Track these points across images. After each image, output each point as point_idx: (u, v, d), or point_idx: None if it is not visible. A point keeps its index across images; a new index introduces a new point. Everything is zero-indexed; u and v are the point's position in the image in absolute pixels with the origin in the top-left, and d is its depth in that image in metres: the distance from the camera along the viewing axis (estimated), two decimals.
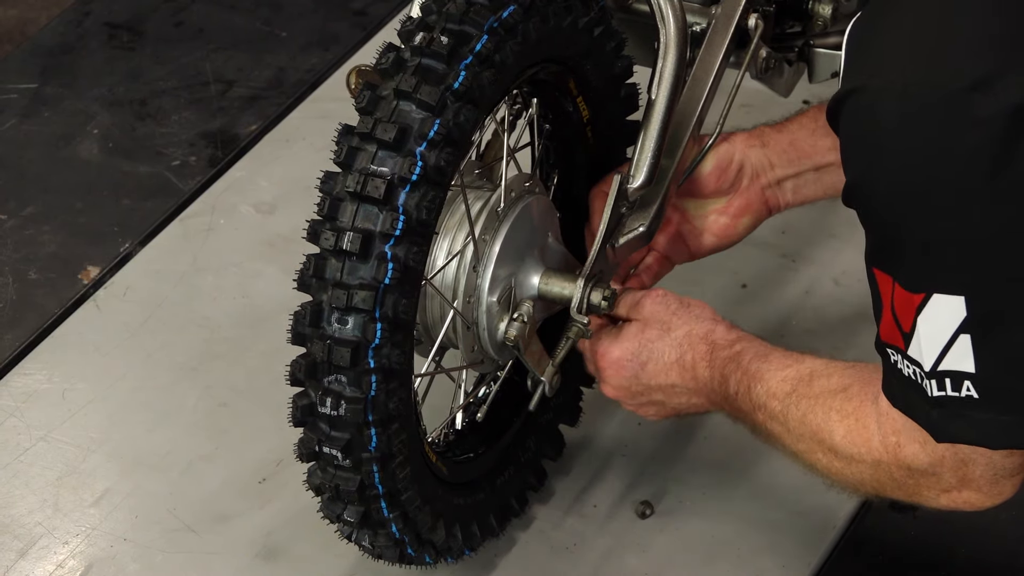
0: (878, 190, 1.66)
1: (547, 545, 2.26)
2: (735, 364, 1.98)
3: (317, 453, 1.92)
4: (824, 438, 1.87)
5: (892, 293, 1.68)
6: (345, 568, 2.22)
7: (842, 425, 1.85)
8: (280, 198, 2.79)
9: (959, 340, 1.64)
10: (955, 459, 1.75)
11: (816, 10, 2.30)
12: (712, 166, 2.17)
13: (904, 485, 1.82)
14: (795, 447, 1.92)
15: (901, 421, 1.76)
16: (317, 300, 1.86)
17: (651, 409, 2.10)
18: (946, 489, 1.79)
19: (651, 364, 2.04)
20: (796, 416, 1.90)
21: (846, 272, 2.62)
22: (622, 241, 2.07)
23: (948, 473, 1.77)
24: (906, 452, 1.78)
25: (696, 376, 2.02)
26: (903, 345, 1.69)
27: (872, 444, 1.81)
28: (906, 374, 1.71)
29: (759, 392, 1.94)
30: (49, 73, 3.07)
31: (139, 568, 2.25)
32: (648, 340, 2.04)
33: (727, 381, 1.99)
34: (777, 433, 1.94)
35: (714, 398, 2.02)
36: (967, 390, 1.65)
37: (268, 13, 3.19)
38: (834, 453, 1.86)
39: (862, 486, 1.88)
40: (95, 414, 2.45)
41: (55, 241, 2.74)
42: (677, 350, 2.03)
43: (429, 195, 1.84)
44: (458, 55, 1.86)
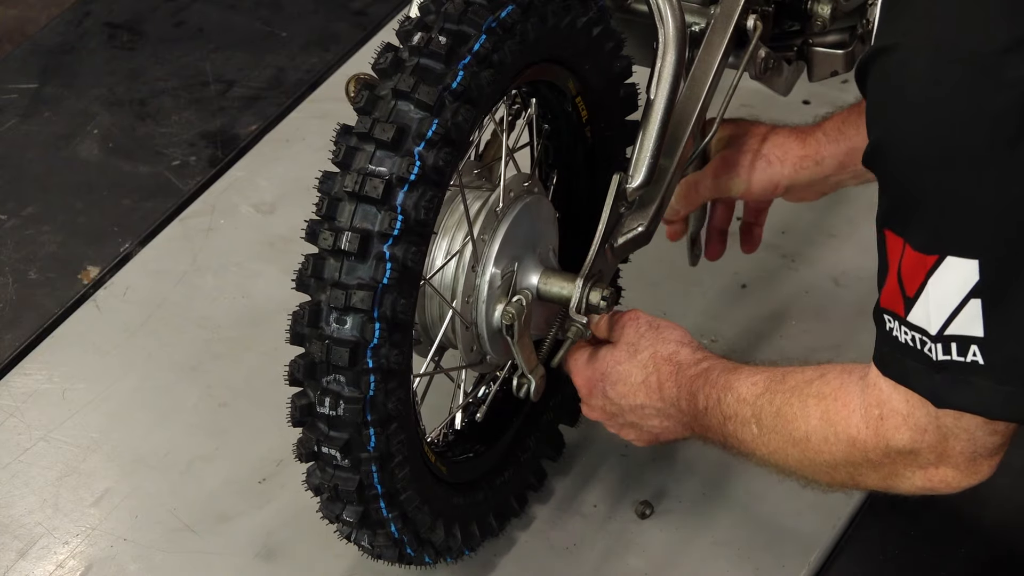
0: (901, 148, 1.64)
1: (547, 545, 2.26)
2: (703, 380, 1.98)
3: (316, 453, 1.92)
4: (796, 428, 1.85)
5: (901, 255, 1.67)
6: (345, 568, 2.22)
7: (819, 407, 1.83)
8: (280, 198, 2.79)
9: (969, 304, 1.62)
10: (937, 432, 1.73)
11: (815, 10, 2.30)
12: (755, 197, 2.25)
13: (880, 466, 1.80)
14: (766, 448, 1.90)
15: (888, 392, 1.74)
16: (316, 300, 1.86)
17: (631, 432, 2.10)
18: (923, 467, 1.77)
19: (620, 385, 2.05)
20: (769, 412, 1.89)
21: (846, 272, 2.62)
22: (621, 241, 2.07)
23: (927, 449, 1.75)
24: (887, 425, 1.76)
25: (663, 396, 2.02)
26: (903, 311, 1.68)
27: (852, 421, 1.79)
28: (902, 340, 1.69)
29: (729, 401, 1.94)
30: (49, 73, 3.07)
31: (139, 568, 2.26)
32: (616, 361, 2.05)
33: (695, 398, 1.98)
34: (748, 440, 1.93)
35: (683, 419, 2.02)
36: (973, 355, 1.64)
37: (268, 13, 3.20)
38: (807, 442, 1.84)
39: (835, 473, 1.85)
40: (95, 414, 2.45)
41: (55, 241, 2.74)
42: (643, 371, 2.03)
43: (427, 195, 1.84)
44: (456, 55, 1.86)
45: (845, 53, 2.36)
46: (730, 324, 2.54)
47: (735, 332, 2.53)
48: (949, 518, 2.26)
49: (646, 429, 2.07)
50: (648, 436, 2.09)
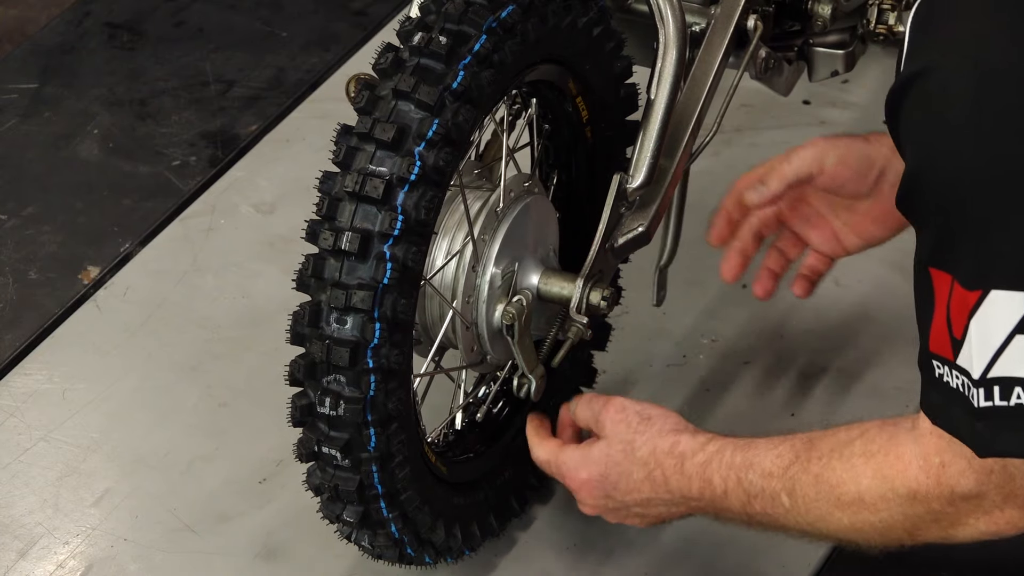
0: (943, 175, 1.58)
1: (547, 545, 2.25)
2: (717, 463, 1.91)
3: (316, 453, 1.92)
4: (846, 491, 1.78)
5: (950, 294, 1.60)
6: (345, 568, 2.22)
7: (869, 466, 1.76)
8: (280, 198, 2.79)
9: (1014, 342, 1.56)
10: (1003, 473, 1.67)
11: (815, 9, 2.30)
12: (851, 170, 2.12)
13: (943, 516, 1.73)
14: (806, 519, 1.83)
15: (946, 440, 1.67)
16: (316, 300, 1.86)
17: (635, 520, 2.05)
18: (988, 511, 1.71)
19: (621, 483, 1.99)
20: (806, 482, 1.81)
21: (846, 272, 2.61)
22: (621, 241, 2.07)
23: (993, 491, 1.69)
24: (951, 472, 1.69)
25: (670, 489, 1.96)
26: (952, 355, 1.62)
27: (909, 473, 1.72)
28: (953, 386, 1.63)
29: (752, 480, 1.87)
30: (49, 73, 3.07)
31: (139, 568, 2.25)
32: (614, 462, 1.99)
33: (711, 483, 1.91)
34: (779, 515, 1.86)
35: (695, 504, 1.96)
36: (1017, 397, 1.58)
37: (268, 13, 3.19)
38: (860, 503, 1.77)
39: (891, 532, 1.79)
40: (95, 414, 2.45)
41: (55, 241, 2.74)
42: (644, 468, 1.97)
43: (428, 195, 1.84)
44: (456, 55, 1.86)
45: (845, 53, 2.36)
46: (730, 324, 2.54)
47: (735, 332, 2.53)
48: None
49: (654, 515, 2.03)
50: (653, 520, 2.04)
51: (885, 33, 2.36)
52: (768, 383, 2.45)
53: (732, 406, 2.43)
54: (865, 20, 2.36)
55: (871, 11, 2.36)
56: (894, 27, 2.36)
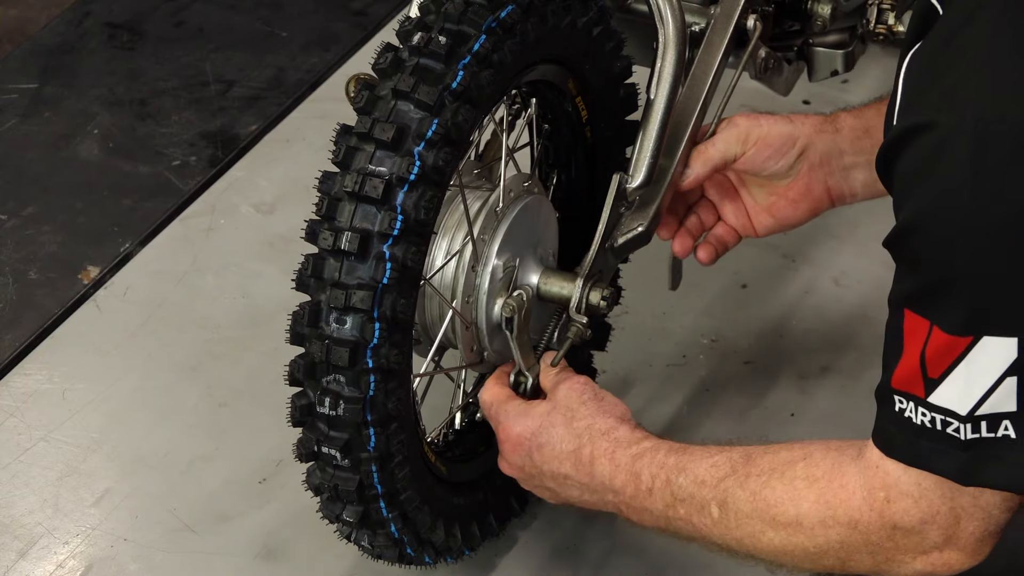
0: (939, 229, 1.58)
1: (547, 545, 2.26)
2: (649, 459, 1.89)
3: (316, 453, 1.92)
4: (783, 512, 1.76)
5: (927, 338, 1.60)
6: (345, 568, 2.22)
7: (812, 491, 1.74)
8: (280, 198, 2.79)
9: (1004, 383, 1.58)
10: (950, 515, 1.68)
11: (815, 9, 2.30)
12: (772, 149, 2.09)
13: (880, 550, 1.72)
14: (733, 534, 1.81)
15: (896, 474, 1.68)
16: (315, 300, 1.86)
17: (544, 493, 2.03)
18: (926, 551, 1.70)
19: (547, 449, 1.97)
20: (742, 497, 1.79)
21: (846, 272, 2.62)
22: (621, 241, 2.07)
23: (936, 531, 1.69)
24: (895, 508, 1.69)
25: (592, 472, 1.94)
26: (923, 393, 1.62)
27: (852, 503, 1.71)
28: (917, 422, 1.63)
29: (682, 484, 1.84)
30: (49, 73, 3.07)
31: (139, 568, 2.26)
32: (550, 424, 1.97)
33: (638, 478, 1.89)
34: (705, 525, 1.84)
35: (611, 499, 1.93)
36: (1004, 429, 1.59)
37: (268, 13, 3.20)
38: (797, 526, 1.75)
39: (823, 558, 1.76)
40: (95, 414, 2.45)
41: (55, 241, 2.74)
42: (576, 441, 1.95)
43: (427, 195, 1.84)
44: (456, 55, 1.86)
45: (845, 53, 2.36)
46: (730, 324, 2.54)
47: (735, 332, 2.53)
48: None
49: (562, 496, 2.01)
50: (563, 501, 2.02)
51: (885, 33, 2.36)
52: (768, 383, 2.45)
53: (732, 406, 2.43)
54: (865, 20, 2.36)
55: (871, 11, 2.36)
56: (894, 27, 2.36)
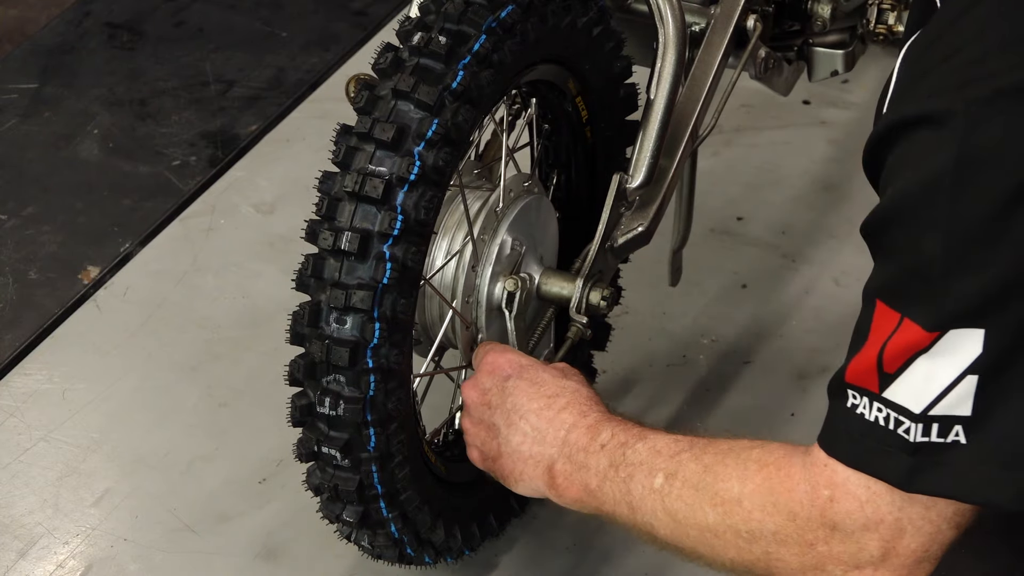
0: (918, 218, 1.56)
1: (547, 545, 2.26)
2: (616, 423, 1.85)
3: (316, 453, 1.92)
4: (728, 488, 1.70)
5: (894, 330, 1.57)
6: (345, 568, 2.22)
7: (760, 474, 1.69)
8: (280, 198, 2.79)
9: (964, 382, 1.54)
10: (894, 525, 1.61)
11: (815, 10, 2.30)
12: None
13: (810, 552, 1.65)
14: (666, 506, 1.76)
15: (843, 475, 1.61)
16: (316, 300, 1.86)
17: (480, 434, 1.97)
18: (859, 565, 1.63)
19: (526, 382, 1.93)
20: (693, 469, 1.74)
21: (846, 272, 2.62)
22: (621, 241, 2.07)
23: (875, 542, 1.61)
24: (838, 508, 1.62)
25: (554, 419, 1.89)
26: (877, 388, 1.58)
27: (794, 495, 1.65)
28: (869, 418, 1.58)
29: (639, 448, 1.80)
30: (49, 73, 3.07)
31: (139, 568, 2.26)
32: (543, 368, 1.95)
33: (596, 431, 1.85)
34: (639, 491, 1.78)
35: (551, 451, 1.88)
36: (955, 435, 1.55)
37: (268, 13, 3.20)
38: (736, 504, 1.69)
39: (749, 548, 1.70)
40: (95, 414, 2.45)
41: (55, 241, 2.74)
42: (558, 389, 1.91)
43: (427, 195, 1.84)
44: (456, 55, 1.86)
45: (845, 53, 2.36)
46: (730, 324, 2.54)
47: (735, 332, 2.53)
48: None
49: (499, 440, 1.94)
50: (492, 449, 1.95)
51: (885, 33, 2.36)
52: (768, 383, 2.45)
53: (732, 406, 2.43)
54: (865, 20, 2.37)
55: (871, 11, 2.36)
56: (894, 27, 2.36)
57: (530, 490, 1.92)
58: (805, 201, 2.75)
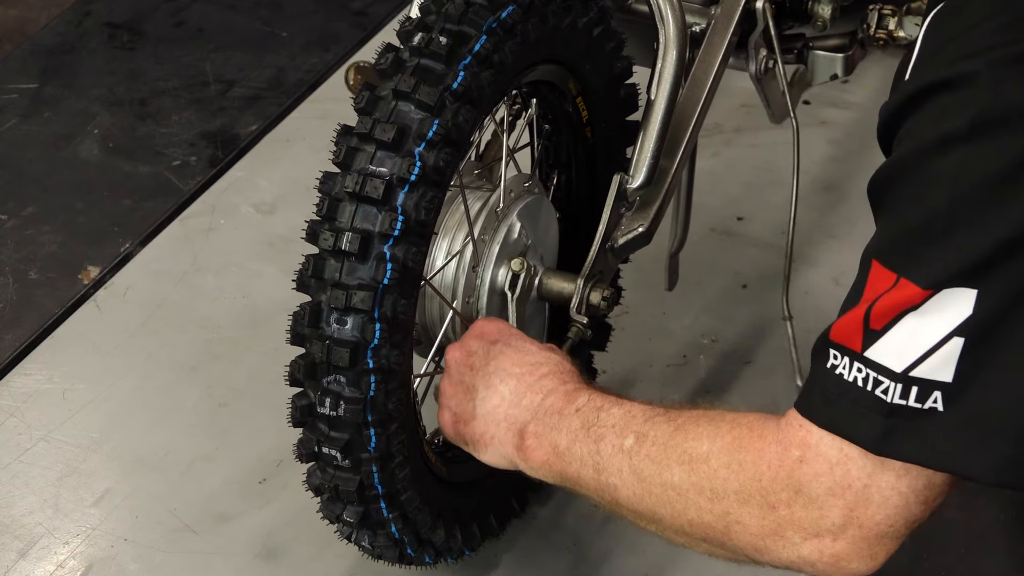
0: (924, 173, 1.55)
1: (547, 545, 2.26)
2: (593, 391, 1.84)
3: (316, 453, 1.92)
4: (697, 446, 1.69)
5: (888, 289, 1.56)
6: (345, 568, 2.22)
7: (731, 433, 1.67)
8: (280, 198, 2.79)
9: (949, 343, 1.52)
10: (862, 492, 1.58)
11: (816, 11, 2.30)
12: None
13: (772, 512, 1.63)
14: (635, 463, 1.73)
15: (818, 435, 1.59)
16: (316, 300, 1.86)
17: (458, 394, 1.93)
18: (819, 533, 1.60)
19: (513, 349, 1.91)
20: (664, 430, 1.73)
21: (846, 272, 2.61)
22: (621, 241, 2.07)
23: (839, 508, 1.59)
24: (806, 470, 1.60)
25: (532, 385, 1.88)
26: (859, 346, 1.55)
27: (763, 455, 1.63)
28: (848, 378, 1.57)
29: (614, 412, 1.79)
30: (49, 73, 3.07)
31: (139, 568, 2.26)
32: (531, 341, 1.94)
33: (572, 397, 1.84)
34: (607, 451, 1.76)
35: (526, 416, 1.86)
36: (933, 402, 1.53)
37: (268, 13, 3.20)
38: (703, 462, 1.68)
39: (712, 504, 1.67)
40: (95, 414, 2.45)
41: (55, 241, 2.74)
42: (543, 359, 1.90)
43: (428, 195, 1.84)
44: (457, 55, 1.86)
45: (845, 57, 2.36)
46: (730, 324, 2.54)
47: (735, 332, 2.53)
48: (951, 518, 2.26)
49: (474, 402, 1.91)
50: (465, 411, 1.92)
51: (885, 38, 2.36)
52: (768, 383, 2.45)
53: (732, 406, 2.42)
54: (865, 25, 2.37)
55: (871, 16, 2.36)
56: (894, 32, 2.36)
57: (498, 456, 1.90)
58: (805, 201, 2.75)
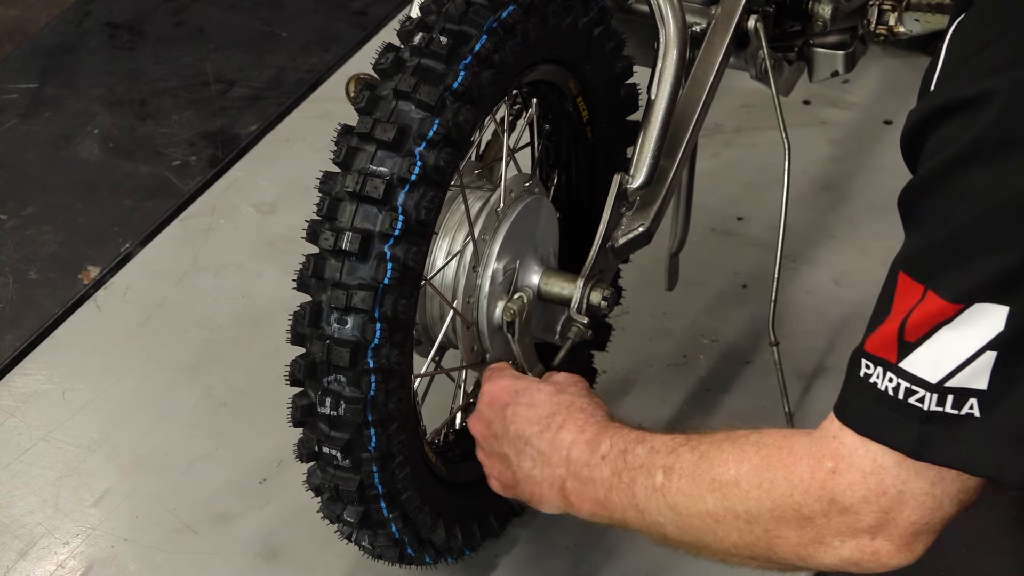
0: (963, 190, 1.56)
1: (547, 545, 2.26)
2: (614, 431, 1.86)
3: (317, 453, 1.92)
4: (725, 472, 1.72)
5: (917, 303, 1.58)
6: (345, 568, 2.22)
7: (758, 454, 1.70)
8: (280, 198, 2.79)
9: (983, 356, 1.55)
10: (896, 498, 1.62)
11: (816, 10, 2.30)
12: None
13: (809, 526, 1.66)
14: (668, 501, 1.76)
15: (851, 447, 1.63)
16: (316, 300, 1.86)
17: (496, 465, 1.99)
18: (856, 535, 1.65)
19: (523, 407, 1.95)
20: (689, 459, 1.76)
21: (846, 272, 2.62)
22: (622, 241, 2.07)
23: (873, 513, 1.63)
24: (839, 480, 1.63)
25: (555, 440, 1.90)
26: (894, 358, 1.59)
27: (795, 469, 1.67)
28: (882, 387, 1.60)
29: (638, 452, 1.81)
30: (49, 73, 3.07)
31: (140, 568, 2.25)
32: (537, 389, 1.96)
33: (596, 443, 1.86)
34: (643, 493, 1.79)
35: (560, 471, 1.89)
36: (969, 408, 1.57)
37: (268, 13, 3.20)
38: (734, 486, 1.71)
39: (750, 529, 1.71)
40: (95, 414, 2.45)
41: (55, 241, 2.74)
42: (554, 407, 1.93)
43: (428, 195, 1.84)
44: (457, 55, 1.86)
45: (845, 54, 2.36)
46: (730, 324, 2.54)
47: (735, 332, 2.53)
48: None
49: (512, 468, 1.96)
50: (508, 478, 1.97)
51: (885, 34, 2.36)
52: (768, 383, 2.45)
53: (732, 406, 2.43)
54: (865, 21, 2.36)
55: (871, 12, 2.36)
56: (895, 28, 2.36)
57: (554, 509, 1.94)
58: (805, 201, 2.75)
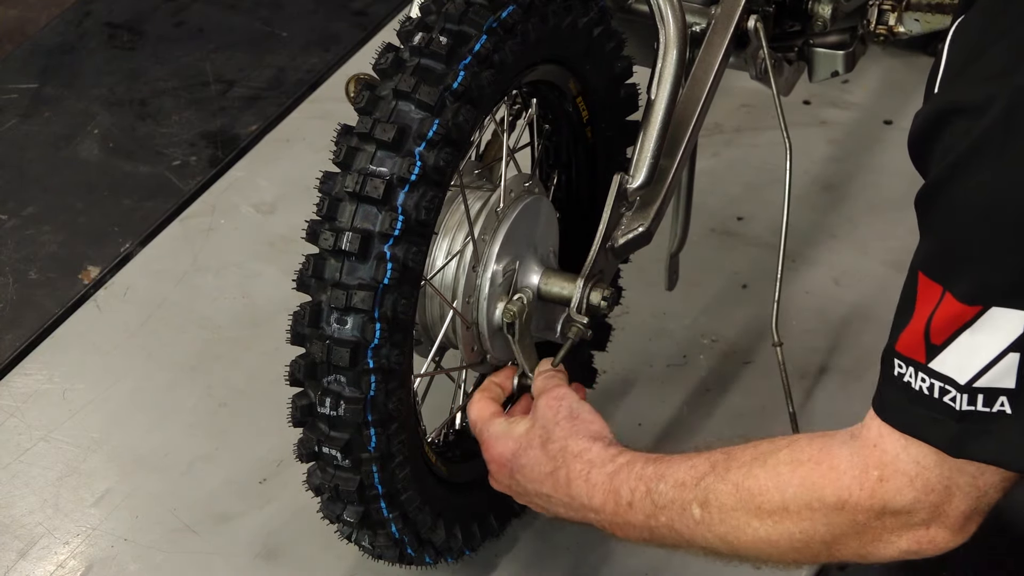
0: (968, 194, 1.57)
1: (547, 545, 2.26)
2: (626, 474, 1.86)
3: (317, 453, 1.92)
4: (768, 499, 1.73)
5: (937, 304, 1.59)
6: (345, 568, 2.22)
7: (796, 475, 1.71)
8: (280, 198, 2.79)
9: (1006, 358, 1.57)
10: (944, 492, 1.65)
11: (816, 10, 2.30)
12: None
13: (867, 530, 1.69)
14: (717, 531, 1.78)
15: (894, 452, 1.65)
16: (316, 300, 1.86)
17: (539, 509, 2.00)
18: (912, 528, 1.68)
19: (527, 470, 1.96)
20: (723, 491, 1.76)
21: (846, 272, 2.62)
22: (622, 241, 2.07)
23: (924, 510, 1.66)
24: (888, 487, 1.66)
25: (571, 493, 1.91)
26: (923, 359, 1.61)
27: (841, 483, 1.68)
28: (916, 387, 1.62)
29: (662, 491, 1.82)
30: (49, 73, 3.07)
31: (140, 568, 2.25)
32: (528, 445, 1.96)
33: (617, 494, 1.86)
34: (687, 528, 1.80)
35: (593, 517, 1.91)
36: (1000, 405, 1.58)
37: (268, 13, 3.20)
38: (783, 512, 1.72)
39: (808, 545, 1.73)
40: (95, 414, 2.45)
41: (55, 241, 2.74)
42: (551, 464, 1.93)
43: (428, 195, 1.84)
44: (457, 55, 1.86)
45: (845, 54, 2.36)
46: (730, 324, 2.54)
47: (735, 332, 2.53)
48: None
49: (552, 512, 1.99)
50: (554, 516, 2.00)
51: (885, 34, 2.36)
52: (768, 383, 2.45)
53: (732, 406, 2.43)
54: (865, 21, 2.36)
55: (871, 12, 2.36)
56: (894, 28, 2.36)
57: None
58: (805, 201, 2.74)
